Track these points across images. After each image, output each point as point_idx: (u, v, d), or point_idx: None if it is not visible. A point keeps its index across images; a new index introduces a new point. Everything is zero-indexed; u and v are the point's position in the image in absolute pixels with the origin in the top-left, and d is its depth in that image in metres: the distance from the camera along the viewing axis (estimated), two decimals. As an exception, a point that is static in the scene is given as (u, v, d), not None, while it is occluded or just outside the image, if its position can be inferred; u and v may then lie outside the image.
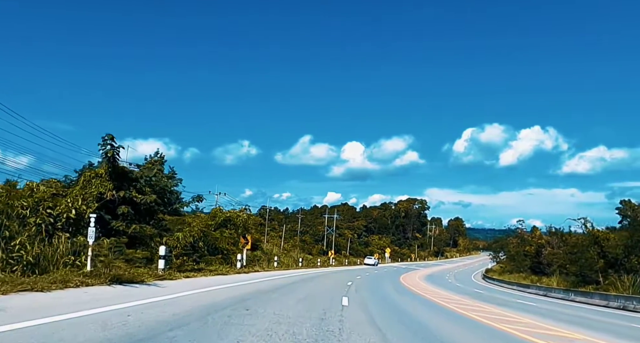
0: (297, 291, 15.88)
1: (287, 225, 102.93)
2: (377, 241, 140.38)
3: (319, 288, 18.98)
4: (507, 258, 69.85)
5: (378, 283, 28.55)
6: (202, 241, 21.23)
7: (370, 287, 22.51)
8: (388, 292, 20.82)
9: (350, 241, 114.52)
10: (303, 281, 22.55)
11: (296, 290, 16.54)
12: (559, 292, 32.04)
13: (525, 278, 48.53)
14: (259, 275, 23.81)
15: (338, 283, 23.34)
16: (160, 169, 27.99)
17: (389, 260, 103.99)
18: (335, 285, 21.04)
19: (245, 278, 19.84)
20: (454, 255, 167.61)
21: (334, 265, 64.17)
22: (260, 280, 19.85)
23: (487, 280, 57.35)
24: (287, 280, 22.49)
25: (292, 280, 22.09)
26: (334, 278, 28.42)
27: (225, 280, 17.79)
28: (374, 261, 78.10)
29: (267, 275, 24.24)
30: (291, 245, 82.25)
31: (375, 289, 21.49)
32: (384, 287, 24.30)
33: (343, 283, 22.71)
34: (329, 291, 16.84)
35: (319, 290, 17.27)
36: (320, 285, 20.69)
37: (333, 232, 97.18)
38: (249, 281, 18.53)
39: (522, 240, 63.97)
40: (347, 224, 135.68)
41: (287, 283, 19.66)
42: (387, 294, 19.69)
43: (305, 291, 15.94)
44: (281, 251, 64.34)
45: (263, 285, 17.63)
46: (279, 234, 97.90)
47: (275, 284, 18.72)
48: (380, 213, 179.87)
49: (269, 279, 21.51)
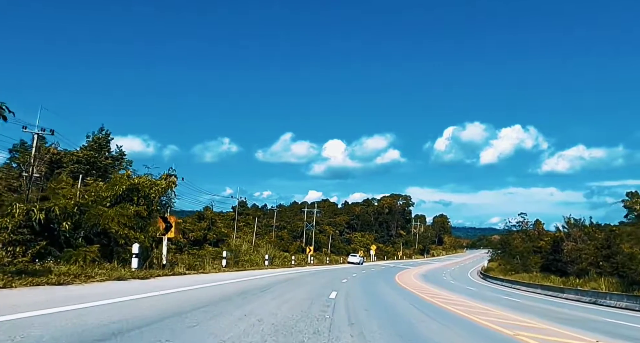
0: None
1: (263, 219, 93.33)
2: (360, 238, 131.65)
3: (260, 319, 9.36)
4: (507, 256, 61.42)
5: (380, 293, 19.42)
6: (72, 220, 11.89)
7: (374, 306, 12.98)
8: (413, 318, 11.45)
9: (332, 238, 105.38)
10: (242, 296, 12.04)
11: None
12: (618, 299, 23.24)
13: (544, 278, 39.98)
14: (171, 282, 13.29)
15: (314, 295, 13.92)
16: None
17: (375, 258, 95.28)
18: (305, 304, 11.42)
19: (113, 295, 9.48)
20: (440, 252, 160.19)
21: (312, 263, 54.64)
22: (139, 297, 8.80)
23: (492, 281, 48.78)
24: (209, 293, 12.04)
25: (225, 294, 12.11)
26: (309, 285, 18.99)
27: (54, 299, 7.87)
28: (359, 259, 69.02)
29: (184, 283, 13.56)
30: (266, 241, 72.75)
31: (386, 312, 11.91)
32: (395, 303, 15.04)
33: (322, 298, 13.15)
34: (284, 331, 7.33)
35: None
36: (271, 307, 9.93)
37: (313, 228, 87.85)
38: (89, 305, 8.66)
39: (528, 235, 55.73)
40: (328, 220, 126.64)
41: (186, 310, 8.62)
42: (419, 330, 10.18)
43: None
44: (252, 248, 54.98)
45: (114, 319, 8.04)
46: (252, 229, 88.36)
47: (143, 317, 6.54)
48: (362, 209, 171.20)
49: (172, 292, 10.58)
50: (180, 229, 52.55)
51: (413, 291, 21.85)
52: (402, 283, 28.62)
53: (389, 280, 30.26)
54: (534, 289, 33.71)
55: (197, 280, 15.11)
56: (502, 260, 62.69)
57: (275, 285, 16.14)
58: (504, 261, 61.66)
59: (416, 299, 16.96)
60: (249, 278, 19.45)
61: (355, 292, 16.58)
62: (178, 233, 50.52)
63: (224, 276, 19.48)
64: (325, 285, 19.32)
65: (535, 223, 62.35)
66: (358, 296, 14.77)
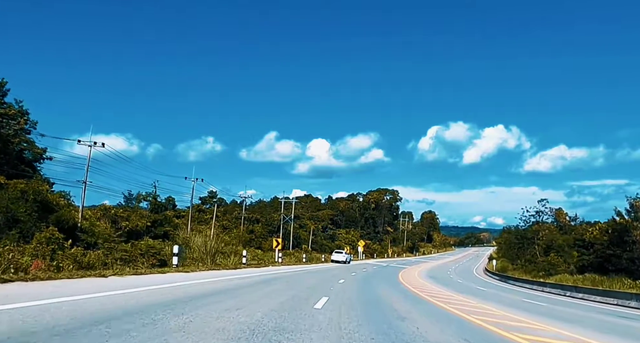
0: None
1: (234, 212, 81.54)
2: (344, 235, 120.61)
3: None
4: (527, 253, 50.55)
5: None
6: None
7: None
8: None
9: (314, 233, 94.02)
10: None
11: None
12: None
13: (607, 281, 28.98)
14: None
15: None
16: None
17: (363, 256, 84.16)
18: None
19: None
20: (431, 250, 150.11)
21: (281, 263, 41.16)
22: None
23: (514, 283, 37.82)
24: None
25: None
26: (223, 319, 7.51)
27: None
28: (345, 257, 57.19)
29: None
30: (234, 236, 61.04)
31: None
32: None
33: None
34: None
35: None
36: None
37: (291, 221, 76.33)
38: None
39: (561, 226, 44.97)
40: (310, 214, 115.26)
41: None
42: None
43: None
44: (212, 243, 43.14)
45: None
46: (222, 223, 76.43)
47: None
48: (347, 205, 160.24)
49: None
50: (109, 216, 40.75)
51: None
52: (432, 296, 17.48)
53: (407, 295, 19.12)
54: (607, 298, 22.71)
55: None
56: (521, 258, 51.97)
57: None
58: (522, 259, 51.09)
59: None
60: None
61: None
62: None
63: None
64: (272, 313, 7.98)
65: (555, 213, 52.18)
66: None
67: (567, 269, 38.56)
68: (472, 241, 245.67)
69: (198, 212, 76.30)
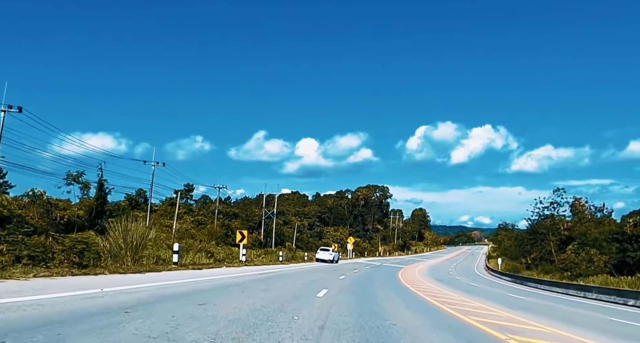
0: None
1: (210, 206, 74.21)
2: (332, 233, 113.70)
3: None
4: (544, 250, 43.88)
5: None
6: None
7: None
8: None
9: (299, 231, 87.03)
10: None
11: None
12: None
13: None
14: None
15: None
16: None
17: (352, 255, 77.12)
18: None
19: None
20: (422, 249, 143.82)
21: (245, 262, 27.76)
22: None
23: (537, 286, 31.20)
24: None
25: None
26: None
27: None
28: (332, 256, 49.75)
29: None
30: (206, 233, 53.84)
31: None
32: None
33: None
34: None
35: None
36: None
37: (274, 216, 69.05)
38: None
39: (581, 217, 38.47)
40: (296, 210, 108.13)
41: None
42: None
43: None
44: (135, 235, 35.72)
45: None
46: (197, 218, 68.91)
47: None
48: (335, 202, 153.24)
49: None
50: (41, 205, 33.30)
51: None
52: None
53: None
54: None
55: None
56: (535, 254, 45.34)
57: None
58: (529, 257, 44.54)
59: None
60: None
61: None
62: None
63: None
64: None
65: (572, 204, 45.70)
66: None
67: (598, 268, 32.23)
68: (462, 239, 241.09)
69: (170, 206, 68.77)
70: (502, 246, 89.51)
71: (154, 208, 72.33)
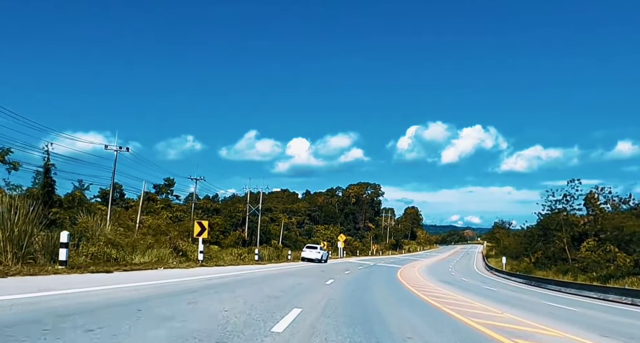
0: None
1: (188, 199, 68.86)
2: (323, 231, 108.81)
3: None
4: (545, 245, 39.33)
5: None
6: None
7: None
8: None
9: (287, 228, 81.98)
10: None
11: None
12: None
13: None
14: None
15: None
16: None
17: (343, 254, 72.16)
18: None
19: None
20: (416, 248, 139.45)
21: (201, 262, 21.43)
22: None
23: (573, 291, 26.52)
24: None
25: None
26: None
27: None
28: (320, 255, 44.27)
29: None
30: (181, 229, 48.61)
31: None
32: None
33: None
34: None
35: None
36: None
37: (259, 212, 63.89)
38: None
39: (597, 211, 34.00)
40: (284, 206, 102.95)
41: None
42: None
43: None
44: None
45: None
46: (175, 214, 63.59)
47: None
48: (326, 199, 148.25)
49: None
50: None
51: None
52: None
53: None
54: None
55: None
56: (541, 252, 40.75)
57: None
58: (546, 254, 40.02)
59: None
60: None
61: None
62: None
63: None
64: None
65: (587, 197, 41.22)
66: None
67: (625, 269, 27.81)
68: (454, 238, 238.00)
69: (147, 201, 63.45)
70: (500, 244, 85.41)
71: (130, 204, 67.25)
